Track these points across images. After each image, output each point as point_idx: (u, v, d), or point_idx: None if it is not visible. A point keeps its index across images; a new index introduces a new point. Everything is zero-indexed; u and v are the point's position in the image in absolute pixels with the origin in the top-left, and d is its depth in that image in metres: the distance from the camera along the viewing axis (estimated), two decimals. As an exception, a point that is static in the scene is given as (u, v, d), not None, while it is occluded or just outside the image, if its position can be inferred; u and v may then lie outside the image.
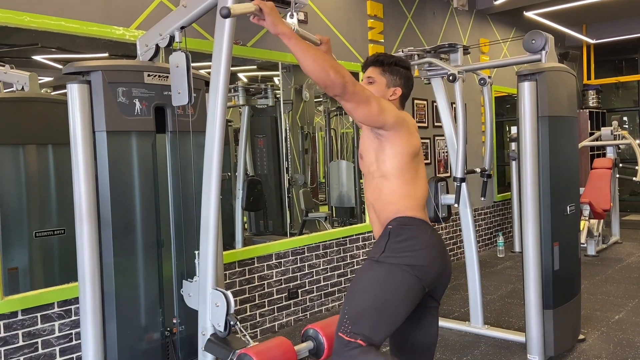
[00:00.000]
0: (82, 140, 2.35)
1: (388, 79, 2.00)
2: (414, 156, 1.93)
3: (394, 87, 2.01)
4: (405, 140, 1.90)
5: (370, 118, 1.82)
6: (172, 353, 2.61)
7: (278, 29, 1.79)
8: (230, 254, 3.69)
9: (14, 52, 3.20)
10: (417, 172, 1.94)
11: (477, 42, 6.40)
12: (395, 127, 1.87)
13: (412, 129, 1.96)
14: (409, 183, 1.91)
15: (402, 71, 2.03)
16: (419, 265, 1.79)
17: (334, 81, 1.70)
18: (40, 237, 3.15)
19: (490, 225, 6.73)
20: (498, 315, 4.20)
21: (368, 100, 1.78)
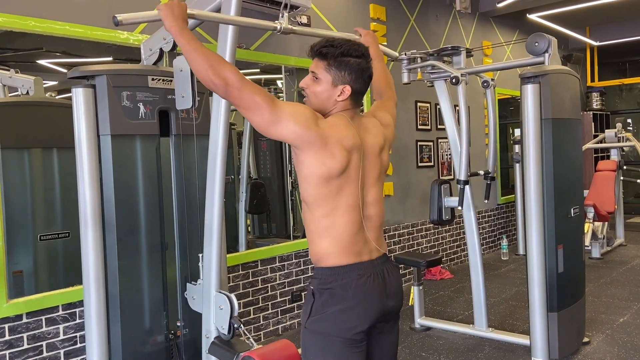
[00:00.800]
0: (86, 144, 2.36)
1: (334, 76, 1.62)
2: (329, 180, 1.56)
3: (342, 85, 1.62)
4: (317, 159, 1.54)
5: (263, 128, 1.54)
6: (176, 356, 2.62)
7: (166, 23, 1.65)
8: (234, 256, 3.70)
9: (19, 57, 3.22)
10: (336, 200, 1.58)
11: (480, 44, 6.41)
12: (300, 142, 1.54)
13: (334, 142, 1.56)
14: (326, 216, 1.59)
15: (353, 63, 1.62)
16: (348, 328, 1.57)
17: (214, 82, 1.51)
18: (45, 241, 3.16)
19: (494, 228, 6.71)
20: (502, 318, 4.19)
21: (258, 107, 1.50)
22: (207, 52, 1.55)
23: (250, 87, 1.52)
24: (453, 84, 3.50)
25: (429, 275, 5.44)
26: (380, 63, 2.21)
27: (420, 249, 5.45)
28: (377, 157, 1.70)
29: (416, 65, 3.77)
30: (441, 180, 3.79)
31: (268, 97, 1.53)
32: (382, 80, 2.10)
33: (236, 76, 1.52)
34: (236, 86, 1.51)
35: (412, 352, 3.59)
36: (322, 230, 1.60)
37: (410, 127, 5.37)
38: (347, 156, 1.58)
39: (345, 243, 1.60)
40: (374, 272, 1.63)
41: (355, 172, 1.61)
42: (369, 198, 1.66)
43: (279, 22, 2.17)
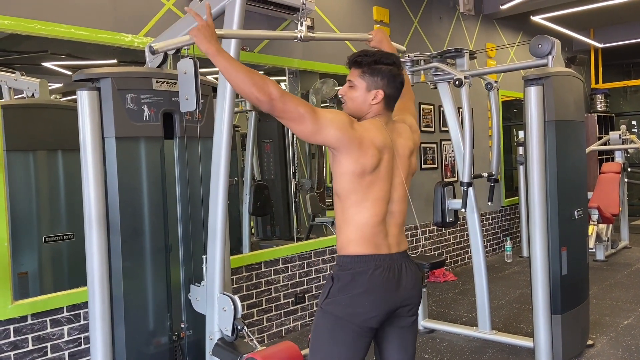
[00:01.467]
0: (91, 146, 2.37)
1: (368, 81, 1.78)
2: (362, 176, 1.70)
3: (375, 90, 1.78)
4: (352, 158, 1.69)
5: (307, 136, 1.68)
6: (179, 357, 2.63)
7: (202, 47, 1.73)
8: (238, 258, 3.71)
9: (24, 59, 3.25)
10: (366, 193, 1.72)
11: (484, 47, 6.41)
12: (340, 144, 1.68)
13: (368, 142, 1.71)
14: (354, 206, 1.73)
15: (385, 70, 1.78)
16: (359, 313, 1.68)
17: (259, 99, 1.62)
18: (49, 242, 3.18)
19: (497, 230, 6.70)
20: (506, 320, 4.19)
21: (302, 118, 1.63)
22: (248, 70, 1.64)
23: (292, 99, 1.65)
24: (456, 86, 3.50)
25: (433, 277, 5.43)
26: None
27: (423, 251, 5.45)
28: (407, 159, 1.84)
29: (419, 67, 3.78)
30: (445, 183, 3.79)
31: (309, 107, 1.66)
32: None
33: (278, 90, 1.63)
34: (280, 100, 1.62)
35: (415, 354, 3.58)
36: (348, 218, 1.74)
37: (413, 129, 5.37)
38: (379, 155, 1.72)
39: (366, 233, 1.72)
40: (390, 265, 1.73)
41: (386, 170, 1.75)
42: (396, 195, 1.78)
43: (298, 31, 2.23)
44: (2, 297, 2.64)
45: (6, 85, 3.30)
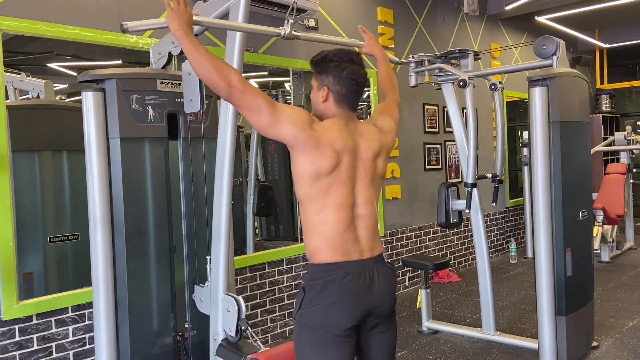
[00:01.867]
0: (96, 147, 2.38)
1: (318, 81, 1.77)
2: (318, 178, 1.64)
3: (323, 87, 1.75)
4: (309, 158, 1.63)
5: (263, 129, 1.63)
6: (183, 358, 2.63)
7: (171, 27, 1.69)
8: (242, 259, 3.71)
9: (30, 60, 3.26)
10: (325, 198, 1.65)
11: (488, 47, 6.39)
12: (296, 142, 1.63)
13: (326, 143, 1.64)
14: (317, 213, 1.67)
15: (331, 66, 1.74)
16: (332, 323, 1.64)
17: (218, 84, 1.58)
18: (54, 243, 3.19)
19: (502, 231, 6.69)
20: (510, 321, 4.18)
21: (259, 109, 1.59)
22: (211, 56, 1.61)
23: (252, 89, 1.60)
24: (461, 86, 3.49)
25: (437, 278, 5.42)
26: (384, 64, 2.28)
27: (427, 252, 5.44)
28: (371, 162, 1.77)
29: (424, 68, 3.77)
30: (449, 183, 3.78)
31: (268, 100, 1.62)
32: (386, 81, 2.20)
33: (239, 79, 1.59)
34: (239, 88, 1.58)
35: (419, 356, 3.58)
36: (313, 227, 1.69)
37: (417, 130, 5.37)
38: (337, 157, 1.66)
39: (333, 241, 1.67)
40: (361, 272, 1.68)
41: (346, 173, 1.69)
42: (361, 198, 1.72)
43: (283, 28, 2.20)
44: (7, 297, 2.65)
45: (12, 86, 3.32)
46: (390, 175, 4.98)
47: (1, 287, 2.63)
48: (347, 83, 1.74)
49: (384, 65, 2.28)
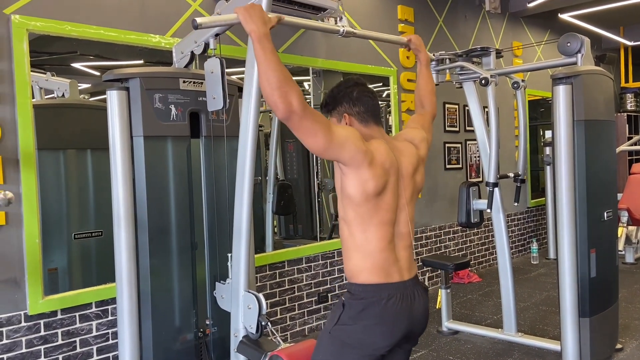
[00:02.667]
0: (120, 145, 2.42)
1: (336, 116, 1.79)
2: (368, 199, 1.64)
3: (342, 117, 1.77)
4: (361, 177, 1.62)
5: (319, 151, 1.59)
6: (205, 354, 2.66)
7: (247, 27, 1.61)
8: (261, 257, 3.73)
9: (55, 60, 3.32)
10: (372, 218, 1.65)
11: (510, 46, 6.32)
12: (352, 161, 1.61)
13: (378, 162, 1.65)
14: (361, 232, 1.67)
15: (340, 96, 1.77)
16: (368, 343, 1.64)
17: (277, 105, 1.49)
18: (79, 239, 3.25)
19: (523, 232, 6.61)
20: (532, 322, 4.13)
21: (315, 133, 1.55)
22: (280, 72, 1.51)
23: (311, 115, 1.55)
24: (482, 85, 3.46)
25: (457, 278, 5.38)
26: (426, 69, 2.26)
27: (447, 251, 5.40)
28: (410, 179, 1.78)
29: (445, 66, 3.75)
30: (470, 183, 3.75)
31: (324, 123, 1.59)
32: (427, 88, 2.18)
33: (300, 103, 1.51)
34: (299, 113, 1.52)
35: (439, 356, 3.56)
36: (356, 246, 1.68)
37: (437, 129, 5.33)
38: (385, 176, 1.66)
39: (375, 261, 1.67)
40: (403, 294, 1.68)
41: (392, 192, 1.69)
42: (402, 218, 1.73)
43: (341, 24, 2.24)
44: (33, 293, 2.70)
45: (38, 85, 3.38)
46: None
47: (27, 283, 2.69)
48: (362, 101, 1.76)
49: (427, 70, 2.25)
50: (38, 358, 2.72)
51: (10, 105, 2.65)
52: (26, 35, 2.69)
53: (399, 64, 4.86)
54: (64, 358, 2.82)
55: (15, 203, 2.66)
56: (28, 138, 2.70)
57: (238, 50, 3.53)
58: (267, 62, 1.52)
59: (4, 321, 2.62)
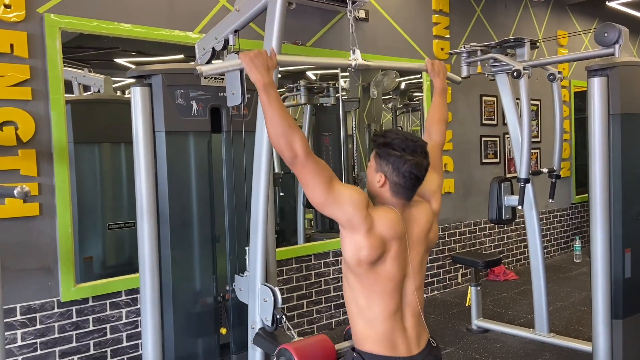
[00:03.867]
0: (143, 140, 2.49)
1: (377, 163, 1.69)
2: (365, 265, 1.59)
3: (381, 173, 1.67)
4: (358, 244, 1.58)
5: (316, 205, 1.59)
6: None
7: (251, 76, 1.66)
8: (288, 250, 3.76)
9: (99, 56, 3.45)
10: (374, 285, 1.61)
11: (555, 35, 6.08)
12: (349, 224, 1.58)
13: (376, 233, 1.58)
14: (363, 297, 1.63)
15: (392, 155, 1.65)
16: None
17: (282, 151, 1.57)
18: (112, 229, 3.37)
19: (566, 229, 6.38)
20: (567, 323, 3.99)
21: (314, 186, 1.57)
22: (284, 119, 1.57)
23: (313, 166, 1.57)
24: (514, 77, 3.36)
25: (492, 275, 5.26)
26: (440, 97, 2.18)
27: (482, 248, 5.29)
28: (422, 242, 1.73)
29: (476, 58, 3.66)
30: (501, 178, 3.65)
31: (326, 178, 1.58)
32: (437, 116, 2.12)
33: (304, 153, 1.56)
34: (302, 161, 1.57)
35: (466, 354, 3.50)
36: (359, 310, 1.65)
37: (474, 122, 5.21)
38: (382, 248, 1.60)
39: (379, 330, 1.63)
40: None
41: (395, 262, 1.64)
42: (408, 286, 1.68)
43: (352, 58, 2.21)
44: (65, 280, 2.83)
45: (76, 81, 3.53)
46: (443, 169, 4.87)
47: (60, 271, 2.82)
48: (406, 177, 1.65)
49: (440, 98, 2.18)
50: (70, 343, 2.86)
51: (44, 100, 2.77)
52: (59, 34, 2.80)
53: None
54: (95, 344, 2.94)
55: (49, 194, 2.79)
56: (61, 132, 2.82)
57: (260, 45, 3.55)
58: (273, 111, 1.58)
59: (38, 307, 2.76)
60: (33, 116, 2.73)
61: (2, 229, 2.66)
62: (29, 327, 2.74)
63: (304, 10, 3.75)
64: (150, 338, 2.53)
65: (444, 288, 4.91)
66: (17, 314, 2.71)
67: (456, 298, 4.67)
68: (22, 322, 2.72)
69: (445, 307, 4.45)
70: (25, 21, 2.71)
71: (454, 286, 5.00)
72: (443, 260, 4.88)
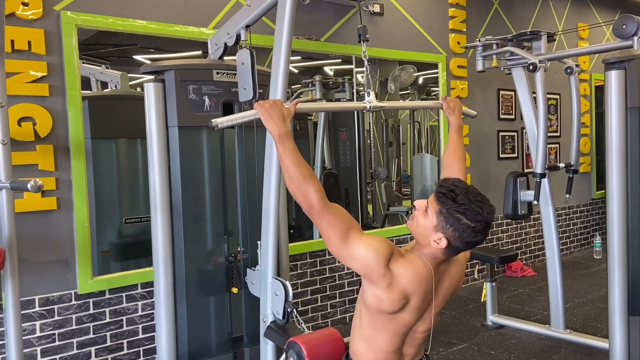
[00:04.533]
0: (156, 135, 2.52)
1: (440, 222, 1.53)
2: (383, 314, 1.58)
3: (442, 234, 1.53)
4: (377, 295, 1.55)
5: (333, 253, 1.59)
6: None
7: (267, 127, 1.67)
8: (302, 245, 3.78)
9: (117, 52, 3.51)
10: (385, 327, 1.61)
11: (575, 27, 5.96)
12: (368, 276, 1.55)
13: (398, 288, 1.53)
14: (372, 330, 1.63)
15: (463, 224, 1.51)
16: None
17: (299, 201, 1.58)
18: (129, 223, 3.43)
19: (587, 224, 6.28)
20: (585, 320, 3.94)
21: (330, 236, 1.55)
22: (299, 169, 1.58)
23: (329, 217, 1.56)
24: (530, 71, 3.31)
25: (509, 272, 5.21)
26: (457, 134, 2.15)
27: (499, 244, 5.24)
28: (449, 294, 1.71)
29: (492, 52, 3.61)
30: (517, 173, 3.61)
31: (342, 230, 1.55)
32: (456, 154, 2.08)
33: (320, 204, 1.55)
34: (318, 213, 1.56)
35: (480, 350, 3.48)
36: (363, 338, 1.66)
37: (491, 117, 5.15)
38: (403, 301, 1.57)
39: (379, 358, 1.65)
40: None
41: (416, 312, 1.61)
42: (420, 327, 1.67)
43: (367, 101, 2.21)
44: (83, 273, 2.89)
45: (94, 77, 3.59)
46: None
47: (77, 263, 2.88)
48: (467, 245, 1.55)
49: (457, 135, 2.14)
50: (87, 335, 2.92)
51: (61, 97, 2.82)
52: (75, 31, 2.85)
53: (449, 49, 4.72)
54: (111, 335, 3.00)
55: (66, 189, 2.85)
56: (78, 128, 2.87)
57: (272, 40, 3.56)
58: (289, 161, 1.59)
59: (56, 299, 2.83)
60: (50, 112, 2.79)
61: (21, 222, 2.71)
62: (47, 318, 2.81)
63: (317, 5, 3.75)
64: (164, 330, 2.57)
65: (460, 284, 4.88)
66: (36, 306, 2.78)
67: (472, 294, 4.64)
68: (41, 313, 2.79)
69: (461, 303, 4.43)
70: (42, 18, 2.77)
71: (470, 282, 4.97)
72: (459, 256, 4.85)
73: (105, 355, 2.98)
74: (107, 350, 2.98)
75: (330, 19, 3.90)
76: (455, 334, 3.77)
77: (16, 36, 2.68)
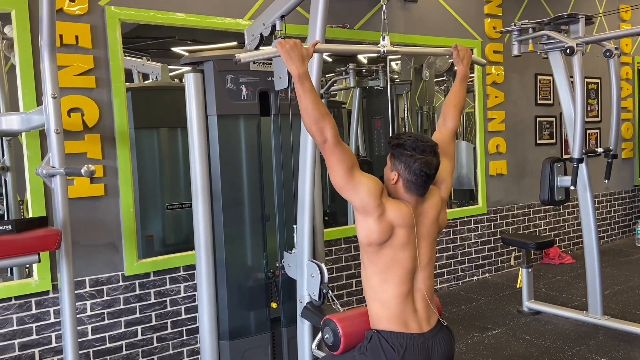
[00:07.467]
0: (196, 124, 2.63)
1: (392, 162, 1.84)
2: (371, 245, 1.78)
3: (395, 171, 1.82)
4: (368, 226, 1.76)
5: (336, 187, 1.78)
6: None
7: (288, 67, 1.78)
8: (337, 230, 3.85)
9: (157, 45, 3.64)
10: (387, 271, 1.79)
11: (617, 9, 5.79)
12: (363, 209, 1.76)
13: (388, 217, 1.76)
14: (377, 280, 1.82)
15: (404, 154, 1.79)
16: None
17: (314, 135, 1.75)
18: (171, 210, 3.57)
19: (628, 212, 6.13)
20: (624, 307, 3.89)
21: (336, 170, 1.75)
22: (317, 108, 1.73)
23: (339, 153, 1.74)
24: (567, 54, 3.29)
25: (547, 259, 5.16)
26: (460, 83, 2.23)
27: (537, 231, 5.18)
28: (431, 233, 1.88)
29: (528, 35, 3.57)
30: (554, 159, 3.59)
31: (349, 166, 1.75)
32: (452, 101, 2.18)
33: (333, 140, 1.74)
34: (330, 148, 1.74)
35: (515, 335, 3.49)
36: (373, 291, 1.83)
37: (528, 103, 5.09)
38: (391, 231, 1.78)
39: (393, 311, 1.80)
40: (422, 345, 1.79)
41: (407, 251, 1.81)
42: (420, 275, 1.85)
43: (381, 45, 2.25)
44: (129, 256, 3.04)
45: (136, 69, 3.73)
46: (494, 151, 4.79)
47: (124, 247, 3.03)
48: (417, 174, 1.79)
49: (460, 84, 2.22)
50: (134, 314, 3.08)
51: (106, 88, 2.96)
52: (119, 25, 2.98)
53: (484, 34, 4.68)
54: (156, 315, 3.15)
55: (113, 176, 2.99)
56: (122, 118, 3.01)
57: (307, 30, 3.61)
58: (307, 99, 1.73)
59: (105, 280, 2.99)
60: (97, 103, 2.93)
61: (72, 207, 2.86)
62: (97, 298, 2.97)
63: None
64: (206, 310, 2.70)
65: (495, 270, 4.87)
66: (87, 286, 2.94)
67: (508, 280, 4.63)
68: (91, 293, 2.96)
69: (497, 289, 4.42)
70: (88, 14, 2.90)
71: (506, 269, 4.95)
72: (495, 243, 4.83)
73: (151, 334, 3.13)
74: (152, 329, 3.14)
75: (363, 7, 3.93)
76: (490, 319, 3.78)
77: (64, 31, 2.82)
